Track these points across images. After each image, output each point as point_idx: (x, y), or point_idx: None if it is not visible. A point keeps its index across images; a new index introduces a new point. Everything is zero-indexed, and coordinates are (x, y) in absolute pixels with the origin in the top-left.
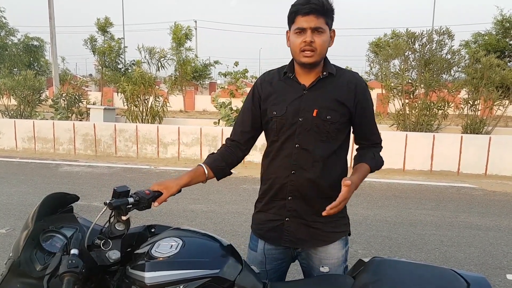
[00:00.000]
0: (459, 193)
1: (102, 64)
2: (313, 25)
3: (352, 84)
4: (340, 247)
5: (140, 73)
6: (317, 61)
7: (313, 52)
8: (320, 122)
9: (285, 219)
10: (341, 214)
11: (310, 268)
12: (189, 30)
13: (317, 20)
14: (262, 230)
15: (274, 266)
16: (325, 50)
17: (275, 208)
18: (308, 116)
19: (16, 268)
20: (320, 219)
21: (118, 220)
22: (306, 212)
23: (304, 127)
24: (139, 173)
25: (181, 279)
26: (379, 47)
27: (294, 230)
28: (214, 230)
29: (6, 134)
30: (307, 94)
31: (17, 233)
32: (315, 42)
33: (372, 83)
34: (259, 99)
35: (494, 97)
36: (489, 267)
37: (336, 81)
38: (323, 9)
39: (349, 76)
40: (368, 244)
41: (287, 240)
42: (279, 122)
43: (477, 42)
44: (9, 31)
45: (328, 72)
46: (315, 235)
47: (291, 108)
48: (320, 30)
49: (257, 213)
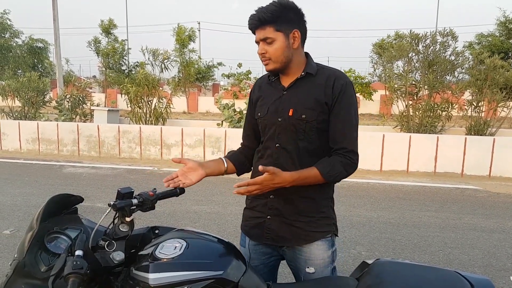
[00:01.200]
0: (463, 194)
1: (106, 65)
2: (261, 36)
3: (330, 81)
4: (324, 248)
5: (144, 75)
6: (277, 68)
7: (268, 60)
8: (295, 121)
9: (267, 217)
10: (322, 214)
11: (297, 270)
12: (192, 31)
13: (263, 32)
14: (247, 226)
15: (263, 261)
16: (282, 56)
17: (259, 205)
18: (286, 116)
19: (21, 269)
20: (301, 219)
21: (122, 222)
22: (287, 210)
23: (283, 126)
24: (142, 175)
25: (185, 281)
26: (383, 49)
27: (275, 228)
28: (217, 231)
29: (11, 135)
30: (285, 95)
31: (22, 234)
32: (267, 52)
33: (375, 84)
34: (252, 103)
35: (498, 99)
36: (493, 269)
37: (315, 80)
38: (262, 21)
39: (328, 73)
40: (371, 246)
41: (269, 237)
42: (262, 123)
43: (481, 43)
44: (13, 33)
45: (307, 72)
46: (296, 234)
47: (272, 109)
48: (269, 40)
49: (244, 210)
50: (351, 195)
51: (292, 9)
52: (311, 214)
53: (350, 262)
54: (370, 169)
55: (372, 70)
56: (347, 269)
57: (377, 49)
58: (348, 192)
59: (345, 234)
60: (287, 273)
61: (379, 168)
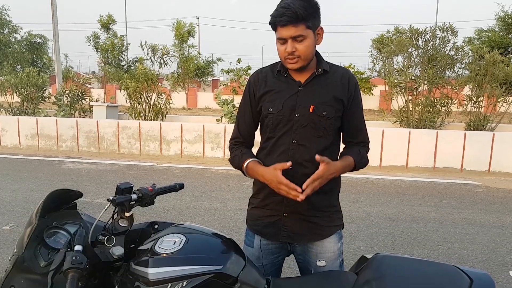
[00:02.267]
0: (462, 190)
1: (105, 61)
2: (293, 34)
3: (345, 79)
4: (335, 241)
5: (143, 70)
6: (303, 65)
7: (297, 58)
8: (316, 118)
9: (283, 215)
10: (335, 208)
11: (307, 263)
12: (191, 27)
13: (295, 29)
14: (259, 226)
15: (271, 260)
16: (311, 53)
17: (272, 204)
18: (305, 112)
19: (20, 264)
20: (317, 214)
21: (122, 217)
22: (303, 207)
23: (301, 123)
24: (142, 170)
25: (185, 275)
26: (382, 44)
27: (292, 225)
28: (217, 226)
29: (10, 131)
30: (303, 91)
31: (21, 229)
32: (297, 50)
33: (375, 80)
34: (254, 98)
35: (498, 94)
36: (492, 263)
37: (331, 77)
38: (298, 18)
39: (342, 72)
40: (371, 240)
41: (285, 235)
42: (275, 119)
43: (480, 39)
44: (12, 28)
45: (323, 69)
46: (312, 229)
47: (287, 105)
48: (300, 38)
49: (252, 209)
50: (350, 190)
51: (316, 4)
52: (326, 209)
53: (349, 257)
54: (370, 164)
55: (372, 65)
56: (347, 263)
57: (376, 45)
58: (347, 187)
59: (345, 229)
60: (286, 269)
61: (378, 164)
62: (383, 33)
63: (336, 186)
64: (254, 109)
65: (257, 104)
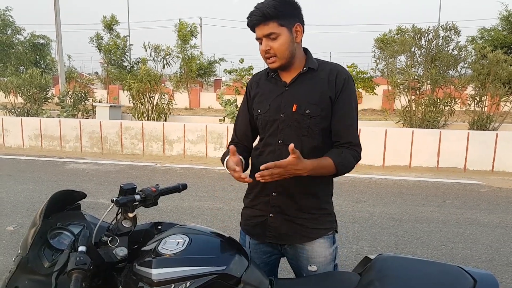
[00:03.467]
0: (466, 189)
1: (108, 62)
2: (265, 32)
3: (333, 75)
4: (326, 245)
5: (146, 71)
6: (283, 64)
7: (274, 57)
8: (299, 116)
9: (269, 215)
10: (326, 211)
11: (299, 268)
12: (194, 27)
13: (266, 27)
14: (248, 226)
15: (264, 259)
16: (287, 51)
17: (260, 204)
18: (289, 111)
19: (24, 265)
20: (303, 215)
21: (125, 217)
22: (289, 208)
23: (286, 123)
24: (145, 171)
25: (188, 276)
26: (385, 43)
27: (278, 226)
28: (220, 227)
29: (13, 132)
30: (288, 91)
31: (25, 230)
32: (272, 48)
33: (378, 79)
34: (250, 100)
35: (501, 93)
36: (496, 263)
37: (317, 74)
38: (266, 16)
39: (330, 67)
40: (374, 241)
41: (271, 236)
42: (263, 120)
43: (484, 38)
44: (15, 29)
45: (309, 67)
46: (299, 231)
47: (273, 105)
48: (273, 36)
49: (244, 209)
50: (353, 190)
51: (292, 3)
52: (313, 211)
53: (352, 257)
54: (373, 164)
55: (375, 65)
56: (350, 264)
57: (379, 44)
58: (350, 187)
59: (348, 229)
60: (288, 269)
61: (381, 164)
62: (386, 33)
63: (326, 189)
64: (250, 111)
65: (251, 106)
